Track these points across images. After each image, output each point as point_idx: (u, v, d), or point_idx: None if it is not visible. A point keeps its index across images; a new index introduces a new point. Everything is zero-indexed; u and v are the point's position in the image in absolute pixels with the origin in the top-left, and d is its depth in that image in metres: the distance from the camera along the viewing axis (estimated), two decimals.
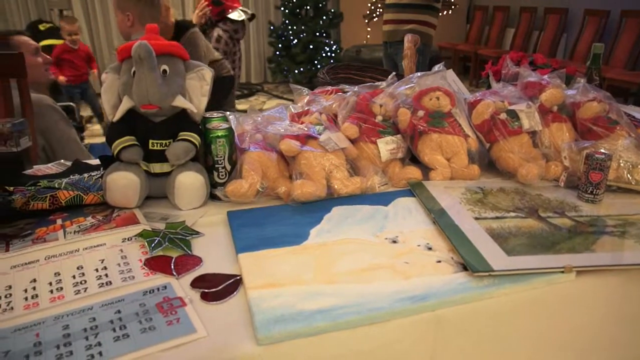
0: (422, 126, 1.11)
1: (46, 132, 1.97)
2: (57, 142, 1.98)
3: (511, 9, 6.89)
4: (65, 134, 2.01)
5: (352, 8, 7.19)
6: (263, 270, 0.75)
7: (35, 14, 6.32)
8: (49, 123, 1.96)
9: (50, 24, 5.93)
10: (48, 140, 1.97)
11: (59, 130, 1.99)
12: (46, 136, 1.97)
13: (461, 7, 7.75)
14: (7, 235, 0.88)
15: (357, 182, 1.01)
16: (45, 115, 1.96)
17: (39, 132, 1.94)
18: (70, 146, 2.00)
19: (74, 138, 2.07)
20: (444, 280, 0.74)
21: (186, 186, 0.96)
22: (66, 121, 2.06)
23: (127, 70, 0.95)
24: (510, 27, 6.87)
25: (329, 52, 6.71)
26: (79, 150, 2.03)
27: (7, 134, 1.16)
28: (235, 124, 1.03)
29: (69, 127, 2.07)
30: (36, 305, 0.70)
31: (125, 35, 2.48)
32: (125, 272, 0.76)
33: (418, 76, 1.19)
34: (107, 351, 0.60)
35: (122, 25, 2.43)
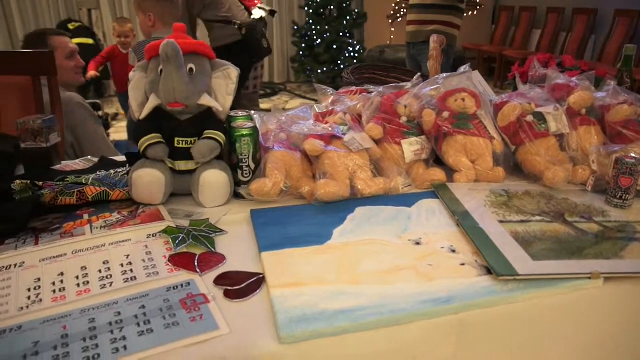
0: (446, 127, 1.10)
1: (75, 129, 2.01)
2: (86, 139, 2.02)
3: (538, 9, 6.78)
4: (93, 132, 2.06)
5: (376, 8, 7.17)
6: (286, 269, 0.75)
7: (65, 14, 6.44)
8: (78, 121, 2.00)
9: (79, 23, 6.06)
10: (77, 137, 2.01)
11: (88, 127, 2.04)
12: (75, 133, 2.01)
13: (486, 8, 7.66)
14: (36, 229, 0.90)
15: (381, 182, 1.01)
16: (74, 112, 1.99)
17: (68, 129, 1.98)
18: (98, 143, 2.04)
19: (102, 135, 2.11)
20: (467, 283, 0.73)
21: (210, 184, 0.97)
22: (95, 119, 2.11)
23: (154, 68, 0.96)
24: (536, 28, 6.77)
25: (352, 52, 6.70)
26: (106, 147, 2.07)
27: (38, 130, 1.19)
28: (260, 123, 1.04)
29: (98, 125, 2.11)
30: (63, 299, 0.71)
31: (147, 36, 2.51)
32: (150, 268, 0.77)
33: (443, 77, 1.18)
34: (131, 345, 0.61)
35: (144, 26, 2.47)
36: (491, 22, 7.80)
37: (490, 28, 7.77)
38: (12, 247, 0.85)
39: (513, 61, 6.11)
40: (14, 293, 0.72)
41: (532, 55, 1.41)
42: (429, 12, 3.27)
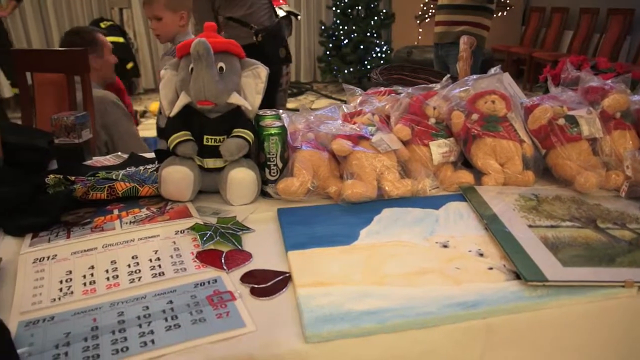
0: (476, 130, 1.08)
1: (110, 127, 2.06)
2: (120, 137, 2.06)
3: (570, 10, 6.65)
4: (127, 130, 2.10)
5: (404, 9, 7.12)
6: (312, 268, 0.75)
7: (97, 13, 6.58)
8: (112, 119, 2.05)
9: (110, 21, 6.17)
10: (111, 135, 2.06)
11: (122, 126, 2.08)
12: (109, 131, 2.06)
13: (516, 9, 7.53)
14: (68, 223, 0.92)
15: (408, 184, 1.00)
16: (109, 111, 2.04)
17: (103, 127, 2.03)
18: (131, 141, 2.08)
19: (135, 134, 2.16)
20: (495, 288, 0.72)
21: (238, 182, 0.97)
22: (128, 117, 2.15)
23: (185, 66, 0.97)
24: (568, 30, 6.63)
25: (379, 52, 6.67)
26: (139, 146, 2.11)
27: (71, 126, 1.22)
28: (288, 122, 1.04)
29: (131, 123, 2.15)
30: (94, 292, 0.72)
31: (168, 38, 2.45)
32: (178, 264, 0.78)
33: (473, 79, 1.17)
34: (159, 340, 0.62)
35: (172, 26, 2.40)
36: (521, 23, 7.67)
37: (520, 29, 7.65)
38: (46, 239, 0.87)
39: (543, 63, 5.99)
40: (47, 285, 0.74)
41: (564, 57, 1.39)
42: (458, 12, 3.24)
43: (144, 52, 6.86)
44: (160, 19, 2.36)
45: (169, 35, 2.42)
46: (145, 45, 6.88)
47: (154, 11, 2.35)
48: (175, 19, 2.39)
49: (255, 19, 2.99)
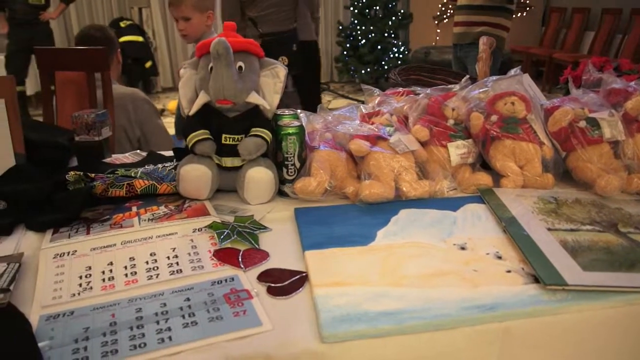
0: (495, 131, 1.08)
1: (143, 123, 2.10)
2: (152, 133, 2.11)
3: (592, 10, 6.55)
4: (158, 126, 2.15)
5: (422, 9, 7.09)
6: (329, 268, 0.75)
7: (117, 12, 6.65)
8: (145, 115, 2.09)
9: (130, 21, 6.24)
10: (144, 132, 2.12)
11: (153, 122, 2.12)
12: (143, 128, 2.11)
13: (536, 9, 7.45)
14: (88, 219, 0.93)
15: (426, 185, 1.00)
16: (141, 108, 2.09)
17: (137, 123, 2.08)
18: (162, 137, 2.13)
19: (165, 129, 2.21)
20: (513, 291, 0.71)
21: (256, 181, 0.98)
22: (157, 113, 2.20)
23: (204, 66, 0.98)
24: (589, 30, 6.53)
25: (397, 53, 6.65)
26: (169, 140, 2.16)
27: (91, 124, 1.23)
28: (306, 122, 1.04)
29: (160, 119, 2.20)
30: (112, 287, 0.73)
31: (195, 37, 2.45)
32: (195, 262, 0.79)
33: (493, 80, 1.16)
34: (176, 336, 0.62)
35: (200, 26, 2.43)
36: (541, 23, 7.59)
37: (539, 30, 7.56)
38: (66, 235, 0.88)
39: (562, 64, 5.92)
40: (67, 280, 0.75)
41: (585, 59, 1.37)
42: (477, 13, 3.21)
43: (163, 51, 6.93)
44: (188, 19, 2.39)
45: (196, 35, 2.43)
46: (164, 45, 6.94)
47: (182, 12, 2.38)
48: (202, 19, 2.41)
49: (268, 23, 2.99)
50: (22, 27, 4.97)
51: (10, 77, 1.20)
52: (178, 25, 2.45)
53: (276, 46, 2.98)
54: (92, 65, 1.82)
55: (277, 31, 3.00)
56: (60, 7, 5.37)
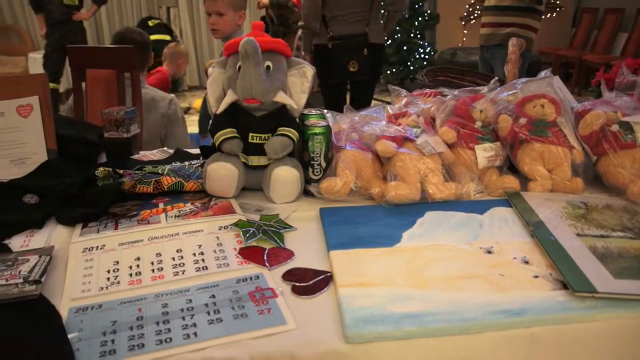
0: (523, 134, 1.06)
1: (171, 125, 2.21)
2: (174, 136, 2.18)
3: (626, 11, 6.39)
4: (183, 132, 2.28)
5: (449, 10, 7.02)
6: (354, 269, 0.75)
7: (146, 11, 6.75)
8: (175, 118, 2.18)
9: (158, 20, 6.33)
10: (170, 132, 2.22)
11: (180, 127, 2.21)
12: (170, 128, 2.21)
13: (567, 10, 7.30)
14: (116, 215, 0.95)
15: (452, 187, 0.99)
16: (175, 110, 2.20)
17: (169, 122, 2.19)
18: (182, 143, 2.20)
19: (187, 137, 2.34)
20: (541, 297, 0.70)
21: (282, 180, 0.98)
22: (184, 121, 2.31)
23: (232, 65, 0.98)
24: (623, 32, 6.37)
25: (423, 54, 6.60)
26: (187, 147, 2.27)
27: (120, 121, 1.25)
28: (333, 122, 1.04)
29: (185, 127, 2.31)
30: (139, 282, 0.74)
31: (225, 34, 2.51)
32: (221, 259, 0.80)
33: (522, 82, 1.14)
34: (201, 333, 0.63)
35: (232, 24, 2.47)
36: (571, 24, 7.44)
37: (569, 31, 7.42)
38: (95, 230, 0.90)
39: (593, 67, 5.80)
40: (96, 273, 0.76)
41: (618, 61, 1.34)
42: (505, 14, 3.17)
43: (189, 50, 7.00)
44: (222, 15, 2.44)
45: (226, 32, 2.48)
46: (191, 44, 7.03)
47: (217, 7, 2.42)
48: (235, 17, 2.47)
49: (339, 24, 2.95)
50: (58, 27, 5.08)
51: (43, 74, 1.23)
52: (210, 19, 2.48)
53: (346, 50, 2.94)
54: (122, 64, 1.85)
55: (347, 34, 2.94)
56: (92, 8, 5.47)
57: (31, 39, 6.47)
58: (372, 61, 3.00)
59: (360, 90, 3.18)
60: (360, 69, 2.94)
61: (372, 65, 3.01)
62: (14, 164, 1.13)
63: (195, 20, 7.01)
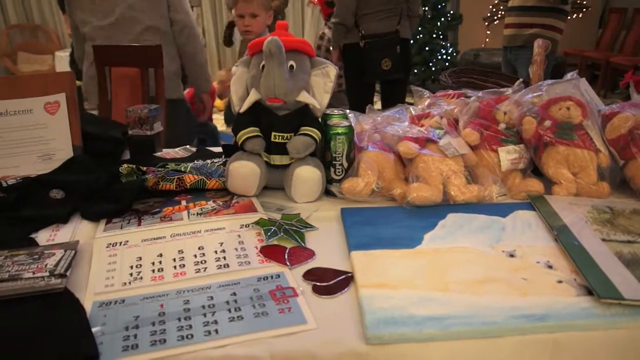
0: (548, 137, 1.04)
1: None
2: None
3: None
4: None
5: (472, 10, 6.94)
6: (375, 270, 0.75)
7: None
8: None
9: None
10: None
11: None
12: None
13: (593, 10, 7.16)
14: (139, 211, 0.96)
15: (475, 190, 0.98)
16: None
17: None
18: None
19: None
20: (564, 302, 0.69)
21: (303, 180, 0.98)
22: None
23: (256, 64, 0.99)
24: None
25: (445, 54, 6.54)
26: None
27: (144, 119, 1.27)
28: (355, 122, 1.04)
29: None
30: (161, 278, 0.75)
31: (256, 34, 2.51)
32: (242, 257, 0.80)
33: (548, 84, 1.12)
34: (222, 330, 0.63)
35: (263, 25, 2.51)
36: (598, 25, 7.30)
37: (596, 32, 7.28)
38: (118, 226, 0.91)
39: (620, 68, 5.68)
40: (119, 269, 0.78)
41: None
42: (529, 14, 3.13)
43: (212, 49, 7.06)
44: (255, 16, 2.47)
45: (259, 32, 2.51)
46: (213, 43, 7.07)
47: (252, 8, 2.46)
48: (265, 18, 2.51)
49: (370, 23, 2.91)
50: None
51: (70, 72, 1.25)
52: (244, 21, 2.50)
53: (379, 48, 2.91)
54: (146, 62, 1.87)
55: (379, 32, 2.91)
56: None
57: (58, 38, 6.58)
58: (404, 58, 2.96)
59: (393, 90, 3.11)
60: (393, 66, 2.91)
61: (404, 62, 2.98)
62: (41, 160, 1.15)
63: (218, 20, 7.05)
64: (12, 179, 1.06)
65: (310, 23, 7.02)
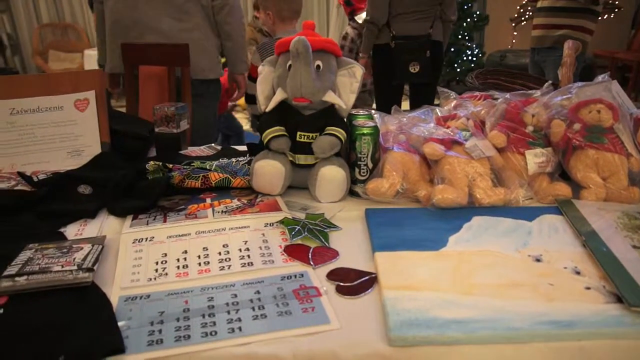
0: (577, 140, 1.03)
1: None
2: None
3: None
4: None
5: (499, 11, 6.85)
6: (399, 271, 0.74)
7: None
8: None
9: None
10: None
11: None
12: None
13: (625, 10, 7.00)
14: (165, 208, 0.97)
15: (501, 193, 0.97)
16: None
17: None
18: None
19: None
20: (593, 309, 0.67)
21: (328, 179, 0.98)
22: None
23: (283, 63, 0.99)
24: None
25: (470, 56, 6.47)
26: None
27: (171, 117, 1.28)
28: (380, 122, 1.04)
29: None
30: (186, 275, 0.76)
31: (270, 32, 2.59)
32: (266, 256, 0.80)
33: (578, 86, 1.10)
34: (246, 327, 0.64)
35: (266, 24, 2.55)
36: (630, 26, 7.13)
37: (628, 33, 7.10)
38: (144, 222, 0.92)
39: None
40: (144, 264, 0.79)
41: None
42: (559, 15, 3.08)
43: None
44: None
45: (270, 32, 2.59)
46: None
47: None
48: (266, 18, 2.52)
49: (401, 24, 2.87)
50: None
51: (100, 70, 1.28)
52: None
53: (408, 51, 2.87)
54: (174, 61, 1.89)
55: (411, 34, 2.87)
56: None
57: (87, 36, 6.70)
58: (434, 61, 2.91)
59: (421, 93, 3.06)
60: (421, 70, 2.86)
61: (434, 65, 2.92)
62: (70, 156, 1.17)
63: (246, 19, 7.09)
64: (42, 174, 1.09)
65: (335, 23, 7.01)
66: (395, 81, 2.96)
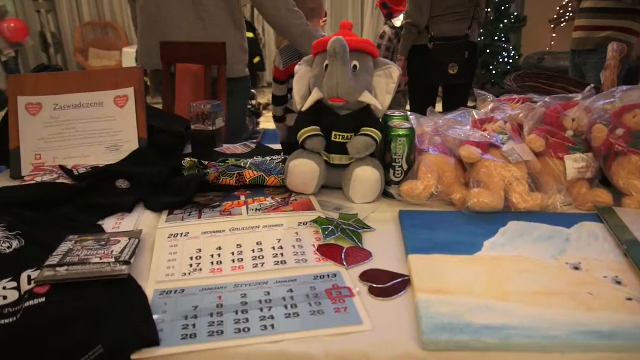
0: (620, 146, 1.00)
1: None
2: None
3: None
4: None
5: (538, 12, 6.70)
6: (433, 274, 0.74)
7: None
8: None
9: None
10: None
11: None
12: None
13: None
14: (200, 204, 0.99)
15: (538, 198, 0.94)
16: None
17: None
18: None
19: None
20: (634, 321, 0.65)
21: (362, 180, 0.98)
22: None
23: (319, 63, 0.99)
24: None
25: (507, 58, 6.36)
26: None
27: (207, 114, 1.30)
28: (416, 124, 1.03)
29: None
30: (220, 271, 0.77)
31: None
32: (299, 255, 0.81)
33: (622, 90, 1.07)
34: (279, 325, 0.64)
35: None
36: None
37: None
38: (180, 218, 0.94)
39: None
40: (179, 259, 0.80)
41: None
42: (602, 16, 2.99)
43: (271, 48, 7.14)
44: None
45: None
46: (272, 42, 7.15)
47: None
48: None
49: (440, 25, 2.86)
50: None
51: (139, 68, 1.30)
52: None
53: (447, 52, 2.86)
54: (210, 60, 1.91)
55: (450, 35, 2.86)
56: None
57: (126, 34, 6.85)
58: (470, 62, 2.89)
59: (456, 94, 3.03)
60: (460, 71, 2.84)
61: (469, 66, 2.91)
62: (109, 151, 1.20)
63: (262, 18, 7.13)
64: (82, 167, 1.12)
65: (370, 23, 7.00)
66: (432, 82, 2.93)
